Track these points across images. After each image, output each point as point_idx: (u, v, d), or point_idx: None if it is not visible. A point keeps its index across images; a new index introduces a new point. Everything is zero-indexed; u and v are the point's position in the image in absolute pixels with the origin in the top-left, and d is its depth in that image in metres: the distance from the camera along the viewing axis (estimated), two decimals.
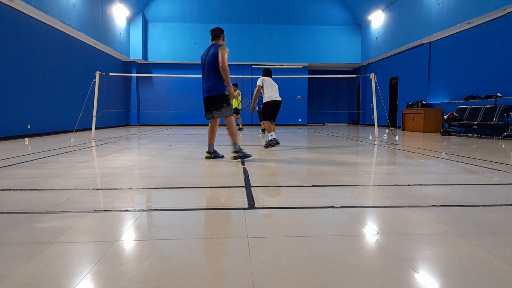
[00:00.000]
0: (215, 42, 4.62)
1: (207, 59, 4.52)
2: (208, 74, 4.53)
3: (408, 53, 14.20)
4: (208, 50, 4.57)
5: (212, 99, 4.54)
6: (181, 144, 7.32)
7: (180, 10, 17.18)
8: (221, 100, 4.54)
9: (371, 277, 1.35)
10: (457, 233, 1.83)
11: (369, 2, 16.01)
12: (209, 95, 4.55)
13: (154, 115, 17.52)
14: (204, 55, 4.63)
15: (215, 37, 4.64)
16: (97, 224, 2.02)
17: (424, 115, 11.56)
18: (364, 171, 3.90)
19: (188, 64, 17.36)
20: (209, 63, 4.49)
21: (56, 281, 1.32)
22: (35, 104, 9.52)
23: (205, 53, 4.61)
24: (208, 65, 4.50)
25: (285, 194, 2.89)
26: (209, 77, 4.51)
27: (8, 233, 1.84)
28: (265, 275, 1.36)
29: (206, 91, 4.58)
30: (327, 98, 20.62)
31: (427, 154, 5.45)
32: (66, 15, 10.39)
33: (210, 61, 4.48)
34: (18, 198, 2.62)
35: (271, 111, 6.42)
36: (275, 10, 17.44)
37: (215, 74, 4.49)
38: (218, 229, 1.95)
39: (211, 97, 4.54)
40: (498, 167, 4.12)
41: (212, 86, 4.50)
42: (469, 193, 2.80)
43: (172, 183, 3.21)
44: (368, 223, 2.06)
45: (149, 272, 1.39)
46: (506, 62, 9.16)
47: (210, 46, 4.58)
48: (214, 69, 4.47)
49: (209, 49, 4.54)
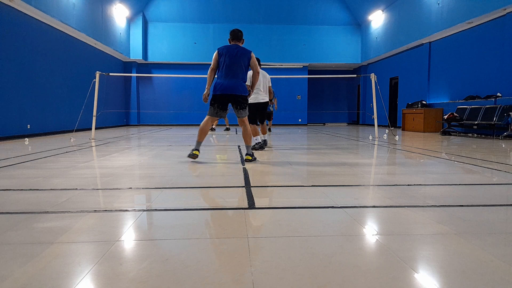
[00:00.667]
0: (238, 43, 4.61)
1: (236, 59, 4.46)
2: (236, 73, 4.47)
3: (408, 53, 14.20)
4: (235, 49, 4.49)
5: (239, 98, 4.50)
6: (181, 144, 7.31)
7: (180, 10, 17.18)
8: (246, 100, 4.60)
9: (371, 277, 1.35)
10: (457, 233, 1.83)
11: (369, 2, 16.01)
12: (237, 94, 4.47)
13: (154, 115, 17.52)
14: (231, 53, 4.48)
15: (238, 38, 4.62)
16: (97, 224, 2.02)
17: (424, 115, 11.56)
18: (364, 171, 3.90)
19: (188, 64, 17.36)
20: (239, 63, 4.46)
21: (56, 281, 1.32)
22: (35, 104, 9.52)
23: (231, 51, 4.49)
24: (238, 64, 4.46)
25: (285, 194, 2.89)
26: (238, 76, 4.49)
27: (8, 233, 1.84)
28: (265, 275, 1.36)
29: (232, 89, 4.45)
30: (327, 98, 20.62)
31: (427, 154, 5.44)
32: (66, 15, 10.39)
33: (242, 62, 4.47)
34: (18, 198, 2.62)
35: (256, 113, 5.97)
36: (275, 10, 17.44)
37: (242, 75, 4.54)
38: (218, 229, 1.95)
39: (238, 96, 4.48)
40: (498, 167, 4.12)
41: (241, 85, 4.50)
42: (469, 193, 2.80)
43: (172, 183, 3.21)
44: (368, 223, 2.06)
45: (149, 272, 1.39)
46: (506, 62, 9.16)
47: (236, 47, 4.52)
48: (245, 70, 4.53)
49: (237, 49, 4.49)
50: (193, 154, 4.51)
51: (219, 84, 4.49)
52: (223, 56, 4.50)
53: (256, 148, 5.90)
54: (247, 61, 4.54)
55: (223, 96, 4.48)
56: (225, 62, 4.49)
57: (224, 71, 4.49)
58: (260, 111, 6.05)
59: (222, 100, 4.51)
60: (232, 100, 4.51)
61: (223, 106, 4.54)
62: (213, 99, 4.54)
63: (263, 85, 5.98)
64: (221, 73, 4.52)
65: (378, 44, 16.16)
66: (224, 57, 4.49)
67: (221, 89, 4.46)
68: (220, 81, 4.50)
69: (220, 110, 4.54)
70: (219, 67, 4.56)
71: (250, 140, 4.67)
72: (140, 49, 16.67)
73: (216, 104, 4.52)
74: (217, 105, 4.52)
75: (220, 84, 4.48)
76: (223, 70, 4.49)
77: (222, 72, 4.51)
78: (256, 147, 5.90)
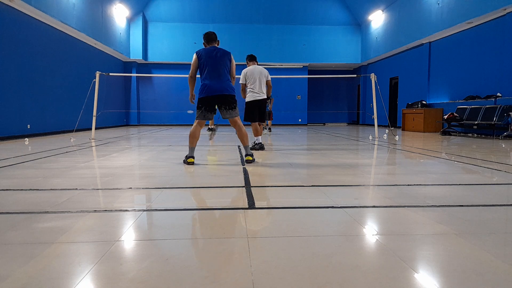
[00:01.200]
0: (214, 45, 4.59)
1: (219, 60, 4.43)
2: (222, 74, 4.42)
3: (408, 53, 14.20)
4: (214, 50, 4.46)
5: (229, 98, 4.44)
6: (181, 144, 7.31)
7: (180, 10, 17.18)
8: (235, 100, 4.54)
9: (371, 277, 1.35)
10: (457, 233, 1.83)
11: (369, 2, 16.01)
12: (225, 94, 4.40)
13: (154, 115, 17.52)
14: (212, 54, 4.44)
15: (214, 40, 4.60)
16: (97, 224, 2.02)
17: (424, 115, 11.56)
18: (364, 171, 3.90)
19: (188, 64, 17.24)
20: (222, 64, 4.43)
21: (56, 281, 1.32)
22: (35, 104, 9.52)
23: (211, 52, 4.45)
24: (221, 65, 4.43)
25: (285, 194, 2.89)
26: (224, 77, 4.44)
27: (8, 233, 1.84)
28: (265, 275, 1.36)
29: (220, 90, 4.38)
30: (327, 98, 20.62)
31: (427, 154, 5.45)
32: (66, 15, 10.39)
33: (224, 63, 4.45)
34: (18, 198, 2.62)
35: (255, 111, 5.91)
36: (275, 10, 17.44)
37: (228, 76, 4.50)
38: (218, 229, 1.95)
39: (228, 96, 4.42)
40: (498, 167, 4.12)
41: (229, 86, 4.45)
42: (469, 193, 2.80)
43: (172, 183, 3.21)
44: (368, 223, 2.06)
45: (149, 272, 1.39)
46: (506, 62, 9.16)
47: (214, 48, 4.48)
48: (227, 71, 4.49)
49: (216, 50, 4.46)
50: (189, 163, 4.34)
51: (205, 85, 4.36)
52: (203, 58, 4.41)
53: (256, 148, 5.88)
54: (228, 62, 4.50)
55: (211, 98, 4.37)
56: (207, 64, 4.39)
57: (208, 73, 4.38)
58: (259, 108, 5.97)
59: (210, 102, 4.39)
60: (221, 101, 4.39)
61: (210, 108, 4.41)
62: (200, 102, 4.39)
63: (258, 83, 5.91)
64: (206, 75, 4.38)
65: (378, 44, 16.16)
66: (205, 59, 4.39)
67: (209, 91, 4.33)
68: (206, 82, 4.36)
69: (207, 112, 4.40)
70: (202, 70, 4.44)
71: (247, 139, 4.63)
72: (140, 49, 16.67)
73: (203, 107, 4.38)
74: (205, 108, 4.39)
75: (207, 86, 4.35)
76: (207, 72, 4.37)
77: (206, 74, 4.38)
78: (256, 147, 5.88)
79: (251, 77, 5.93)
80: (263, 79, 5.99)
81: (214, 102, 4.41)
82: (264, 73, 6.04)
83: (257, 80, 5.90)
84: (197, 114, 4.43)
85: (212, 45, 4.55)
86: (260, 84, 5.93)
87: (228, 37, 16.60)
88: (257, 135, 6.02)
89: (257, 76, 5.92)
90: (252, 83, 5.92)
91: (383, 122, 14.52)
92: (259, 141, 5.96)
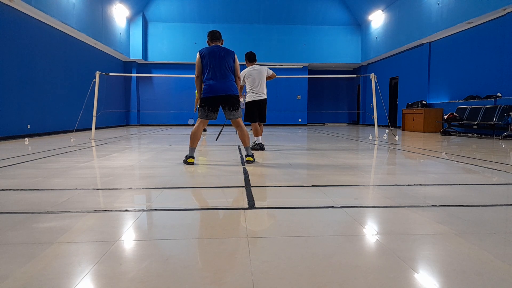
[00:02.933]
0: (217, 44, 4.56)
1: (222, 59, 4.37)
2: (225, 73, 4.37)
3: (408, 53, 14.20)
4: (218, 49, 4.39)
5: (232, 98, 4.39)
6: (181, 144, 7.31)
7: (180, 10, 17.18)
8: (238, 101, 4.51)
9: (371, 277, 1.35)
10: (457, 233, 1.83)
11: (369, 2, 16.01)
12: (229, 94, 4.36)
13: (154, 115, 17.52)
14: (215, 54, 4.37)
15: (218, 38, 4.56)
16: (97, 224, 2.02)
17: (424, 115, 11.56)
18: (364, 171, 3.90)
19: (188, 64, 17.34)
20: (226, 64, 4.38)
21: (56, 281, 1.32)
22: (35, 104, 9.52)
23: (214, 51, 4.38)
24: (224, 64, 4.37)
25: (285, 194, 2.89)
26: (228, 77, 4.40)
27: (8, 233, 1.84)
28: (265, 275, 1.36)
29: (224, 90, 4.33)
30: (327, 98, 20.63)
31: (427, 154, 5.44)
32: (66, 15, 10.39)
33: (228, 61, 4.39)
34: (18, 198, 2.62)
35: (255, 111, 5.87)
36: (275, 10, 17.43)
37: (231, 75, 4.44)
38: (218, 229, 1.95)
39: (231, 96, 4.38)
40: (498, 167, 4.12)
41: (233, 86, 4.41)
42: (469, 193, 2.80)
43: (172, 183, 3.21)
44: (368, 223, 2.06)
45: (149, 272, 1.39)
46: (506, 62, 9.16)
47: (217, 47, 4.42)
48: (231, 71, 4.44)
49: (219, 49, 4.40)
50: (188, 163, 4.31)
51: (209, 85, 4.31)
52: (206, 58, 4.34)
53: (257, 148, 5.87)
54: (232, 62, 4.45)
55: (215, 98, 4.32)
56: (210, 64, 4.33)
57: (212, 73, 4.31)
58: (259, 108, 5.94)
59: (214, 102, 4.34)
60: (225, 101, 4.36)
61: (214, 108, 4.37)
62: (203, 102, 4.34)
63: (258, 84, 5.88)
64: (209, 75, 4.32)
65: (378, 44, 16.16)
66: (208, 59, 4.33)
67: (213, 91, 4.29)
68: (210, 82, 4.31)
69: (211, 112, 4.36)
70: (205, 70, 4.37)
71: (249, 140, 4.62)
72: (140, 49, 16.67)
73: (207, 106, 4.35)
74: (208, 108, 4.35)
75: (211, 85, 4.30)
76: (210, 71, 4.31)
77: (210, 74, 4.31)
78: (256, 147, 5.88)
79: (249, 78, 5.91)
80: (263, 79, 5.95)
81: (218, 102, 4.37)
82: (263, 72, 5.99)
83: (256, 80, 5.88)
84: (200, 113, 4.40)
85: (216, 44, 4.50)
86: (260, 85, 5.91)
87: (228, 37, 16.50)
88: (257, 135, 6.02)
89: (256, 77, 5.90)
90: (251, 84, 5.91)
91: (383, 122, 14.52)
92: (259, 141, 5.96)
